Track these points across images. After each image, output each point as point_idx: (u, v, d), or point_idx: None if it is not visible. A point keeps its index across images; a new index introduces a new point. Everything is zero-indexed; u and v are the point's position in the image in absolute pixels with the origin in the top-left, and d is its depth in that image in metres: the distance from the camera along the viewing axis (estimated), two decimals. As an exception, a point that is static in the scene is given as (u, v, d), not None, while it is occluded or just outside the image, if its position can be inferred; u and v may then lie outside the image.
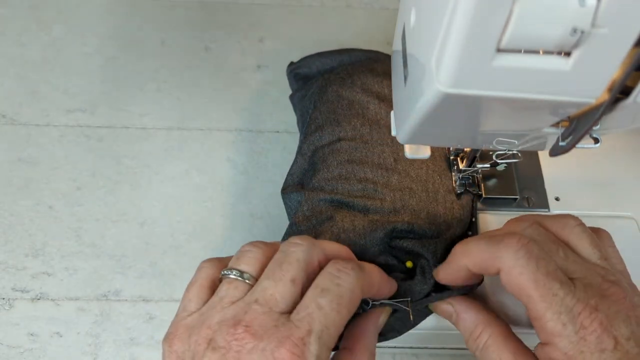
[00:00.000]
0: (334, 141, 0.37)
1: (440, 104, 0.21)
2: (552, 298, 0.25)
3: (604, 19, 0.17)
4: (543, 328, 0.25)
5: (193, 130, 0.48)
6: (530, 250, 0.26)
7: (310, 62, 0.44)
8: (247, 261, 0.27)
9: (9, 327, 0.39)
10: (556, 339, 0.25)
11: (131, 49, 0.52)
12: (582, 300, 0.25)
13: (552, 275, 0.25)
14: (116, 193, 0.44)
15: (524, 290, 0.25)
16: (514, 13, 0.17)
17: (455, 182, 0.36)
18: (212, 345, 0.24)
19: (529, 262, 0.25)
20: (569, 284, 0.25)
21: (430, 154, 0.33)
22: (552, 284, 0.25)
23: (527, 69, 0.19)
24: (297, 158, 0.39)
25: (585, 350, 0.24)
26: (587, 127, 0.22)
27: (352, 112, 0.38)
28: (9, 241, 0.42)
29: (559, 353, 0.25)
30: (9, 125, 0.47)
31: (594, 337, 0.24)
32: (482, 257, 0.27)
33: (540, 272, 0.25)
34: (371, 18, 0.55)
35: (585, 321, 0.24)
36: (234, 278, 0.26)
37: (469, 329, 0.29)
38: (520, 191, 0.37)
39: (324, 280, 0.25)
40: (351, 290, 0.25)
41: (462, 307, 0.30)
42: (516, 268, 0.25)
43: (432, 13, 0.20)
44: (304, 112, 0.41)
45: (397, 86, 0.29)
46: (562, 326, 0.24)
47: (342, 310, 0.25)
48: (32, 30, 0.52)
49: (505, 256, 0.26)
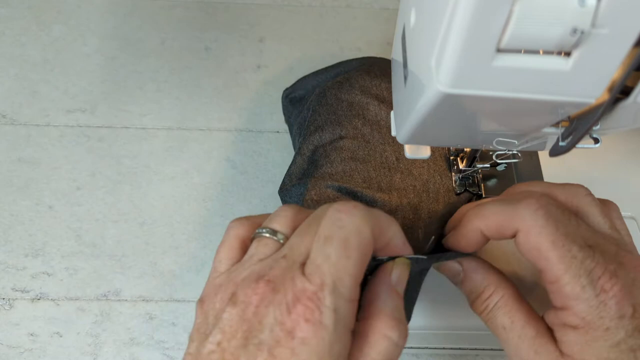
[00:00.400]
0: (336, 139, 0.37)
1: (440, 104, 0.21)
2: (571, 260, 0.24)
3: (604, 19, 0.17)
4: (560, 291, 0.24)
5: (193, 130, 0.48)
6: (550, 211, 0.25)
7: (306, 83, 0.44)
8: (279, 220, 0.26)
9: (9, 327, 0.39)
10: (573, 302, 0.24)
11: (131, 49, 0.52)
12: (602, 265, 0.24)
13: (572, 237, 0.24)
14: (116, 193, 0.44)
15: (542, 251, 0.24)
16: (514, 13, 0.17)
17: (455, 182, 0.36)
18: (233, 299, 0.23)
19: (548, 222, 0.24)
20: (588, 248, 0.24)
21: (430, 154, 0.33)
22: (571, 246, 0.24)
23: (527, 69, 0.19)
24: (295, 159, 0.38)
25: (604, 316, 0.23)
26: (587, 127, 0.22)
27: (353, 112, 0.38)
28: (9, 241, 0.42)
29: (575, 317, 0.24)
30: (9, 125, 0.47)
31: (614, 302, 0.23)
32: (498, 218, 0.26)
33: (559, 233, 0.24)
34: (371, 18, 0.55)
35: (606, 285, 0.23)
36: (266, 236, 0.25)
37: (477, 289, 0.28)
38: (520, 191, 0.37)
39: (326, 227, 0.23)
40: (357, 231, 0.23)
41: (471, 266, 0.29)
42: (535, 228, 0.24)
43: (432, 13, 0.20)
44: (302, 122, 0.41)
45: (397, 86, 0.29)
46: (580, 288, 0.23)
47: (351, 255, 0.22)
48: (32, 30, 0.52)
49: (524, 216, 0.25)
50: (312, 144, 0.38)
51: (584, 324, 0.24)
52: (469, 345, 0.38)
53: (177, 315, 0.40)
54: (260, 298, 0.22)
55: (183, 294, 0.40)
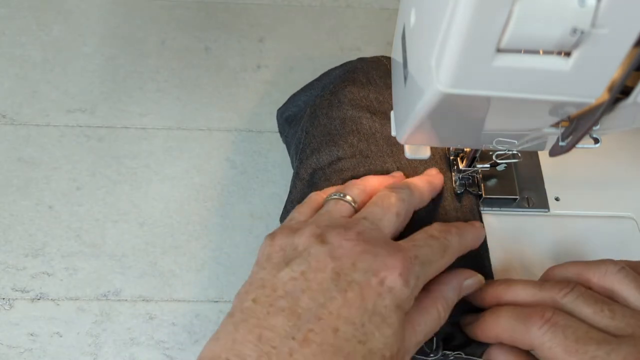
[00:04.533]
0: (334, 161, 0.36)
1: (440, 104, 0.21)
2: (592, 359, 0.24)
3: (604, 19, 0.17)
4: None
5: (193, 130, 0.48)
6: (555, 323, 0.26)
7: (296, 99, 0.43)
8: (353, 190, 0.31)
9: (9, 327, 0.39)
10: None
11: (131, 49, 0.52)
12: (632, 354, 0.24)
13: (584, 340, 0.25)
14: (116, 193, 0.44)
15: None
16: (514, 13, 0.17)
17: (455, 182, 0.36)
18: (320, 239, 0.26)
19: (555, 335, 0.25)
20: (611, 341, 0.25)
21: (430, 154, 0.33)
22: (587, 347, 0.25)
23: (527, 69, 0.19)
24: (295, 184, 0.38)
25: None
26: (587, 127, 0.22)
27: (347, 129, 0.37)
28: (9, 241, 0.42)
29: None
30: (9, 125, 0.47)
31: None
32: (512, 335, 0.27)
33: (569, 340, 0.25)
34: (371, 18, 0.55)
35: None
36: (341, 199, 0.30)
37: None
38: (520, 191, 0.37)
39: (434, 230, 0.29)
40: (454, 248, 0.28)
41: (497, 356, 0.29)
42: (545, 344, 0.26)
43: (432, 13, 0.20)
44: (297, 144, 0.40)
45: (397, 86, 0.29)
46: None
47: (444, 257, 0.28)
48: (32, 30, 0.52)
49: (533, 335, 0.26)
50: (310, 167, 0.37)
51: None
52: (469, 345, 0.38)
53: (177, 315, 0.40)
54: (353, 245, 0.26)
55: (183, 294, 0.40)
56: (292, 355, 0.23)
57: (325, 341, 0.24)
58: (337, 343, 0.24)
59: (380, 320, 0.25)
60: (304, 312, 0.24)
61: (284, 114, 0.44)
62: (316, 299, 0.25)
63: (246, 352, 0.24)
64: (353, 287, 0.25)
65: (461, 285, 0.29)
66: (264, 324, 0.24)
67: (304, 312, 0.24)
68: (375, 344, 0.24)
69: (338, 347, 0.24)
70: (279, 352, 0.23)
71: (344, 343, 0.24)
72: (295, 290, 0.25)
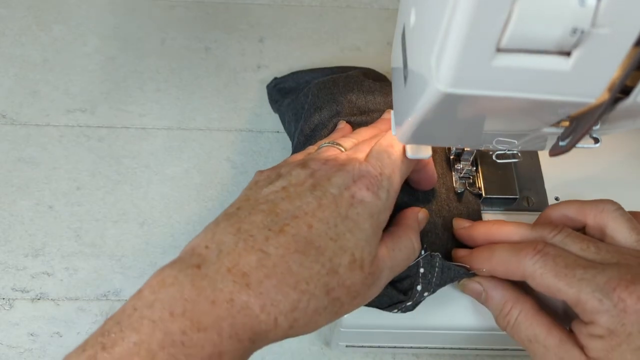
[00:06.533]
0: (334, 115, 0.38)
1: (440, 104, 0.21)
2: (580, 282, 0.26)
3: (604, 19, 0.17)
4: (584, 310, 0.26)
5: (193, 130, 0.48)
6: (546, 254, 0.28)
7: (299, 76, 0.45)
8: (342, 140, 0.32)
9: (9, 327, 0.39)
10: (597, 316, 0.25)
11: (131, 49, 0.52)
12: (615, 277, 0.26)
13: (573, 264, 0.27)
14: (116, 193, 0.44)
15: (551, 287, 0.27)
16: (513, 13, 0.17)
17: (455, 182, 0.36)
18: (302, 164, 0.29)
19: (545, 263, 0.27)
20: (597, 266, 0.26)
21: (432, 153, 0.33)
22: (575, 271, 0.26)
23: (527, 69, 0.19)
24: (298, 139, 0.39)
25: (626, 323, 0.25)
26: (587, 127, 0.22)
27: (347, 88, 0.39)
28: (9, 241, 0.42)
29: (600, 329, 0.26)
30: (9, 125, 0.47)
31: (634, 309, 0.25)
32: (506, 268, 0.29)
33: (559, 266, 0.27)
34: (371, 18, 0.55)
35: (623, 294, 0.25)
36: (331, 145, 0.31)
37: (498, 307, 0.30)
38: (520, 191, 0.37)
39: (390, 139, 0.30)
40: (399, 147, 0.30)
41: (491, 285, 0.31)
42: (537, 272, 0.27)
43: (432, 13, 0.20)
44: (298, 108, 0.41)
45: (397, 86, 0.29)
46: (599, 302, 0.25)
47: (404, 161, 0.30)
48: (32, 30, 0.52)
49: (525, 265, 0.28)
50: (313, 123, 0.38)
51: (608, 332, 0.25)
52: (469, 345, 0.38)
53: (177, 315, 0.40)
54: (329, 167, 0.28)
55: (183, 294, 0.40)
56: (267, 240, 0.25)
57: (299, 233, 0.25)
58: (310, 236, 0.26)
59: (353, 224, 0.27)
60: (282, 212, 0.26)
61: (279, 84, 0.46)
62: (293, 202, 0.27)
63: (224, 239, 0.25)
64: (327, 196, 0.27)
65: (417, 219, 0.32)
66: (244, 221, 0.26)
67: (282, 212, 0.26)
68: (346, 242, 0.26)
69: (310, 240, 0.25)
70: (255, 239, 0.25)
71: (317, 237, 0.26)
72: (276, 198, 0.27)
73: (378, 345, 0.38)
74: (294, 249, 0.25)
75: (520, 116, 0.23)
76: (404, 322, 0.34)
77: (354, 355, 0.40)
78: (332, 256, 0.26)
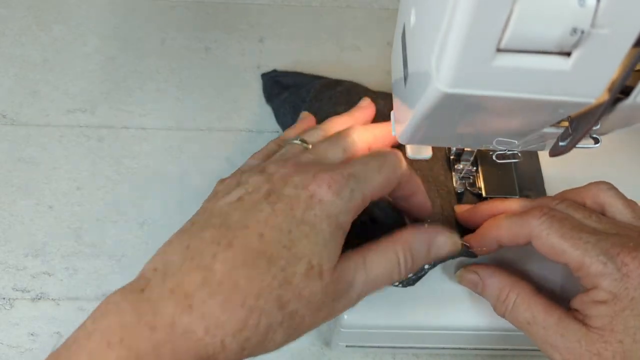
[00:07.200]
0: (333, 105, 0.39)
1: (440, 104, 0.21)
2: (585, 245, 0.26)
3: (604, 19, 0.17)
4: (587, 274, 0.26)
5: (193, 130, 0.48)
6: (552, 215, 0.28)
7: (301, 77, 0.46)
8: (308, 134, 0.31)
9: (9, 327, 0.39)
10: (599, 280, 0.25)
11: (131, 49, 0.52)
12: (618, 244, 0.26)
13: (578, 228, 0.27)
14: (116, 193, 0.44)
15: (556, 247, 0.27)
16: (514, 13, 0.17)
17: (455, 182, 0.36)
18: (260, 170, 0.27)
19: (552, 223, 0.27)
20: (599, 233, 0.27)
21: (432, 153, 0.33)
22: (581, 234, 0.26)
23: (527, 69, 0.19)
24: None
25: (629, 287, 0.25)
26: (587, 127, 0.22)
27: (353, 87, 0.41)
28: (9, 241, 0.42)
29: (603, 293, 0.25)
30: (9, 125, 0.47)
31: (637, 274, 0.25)
32: (512, 230, 0.29)
33: (565, 228, 0.27)
34: (371, 18, 0.55)
35: (626, 259, 0.25)
36: (296, 143, 0.30)
37: (495, 293, 0.30)
38: (520, 191, 0.37)
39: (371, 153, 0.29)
40: (392, 162, 0.28)
41: (487, 273, 0.31)
42: (543, 231, 0.27)
43: (432, 13, 0.20)
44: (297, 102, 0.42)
45: (397, 86, 0.29)
46: (602, 265, 0.25)
47: (382, 171, 0.27)
48: (32, 30, 0.52)
49: (532, 225, 0.28)
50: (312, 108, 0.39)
51: (612, 297, 0.25)
52: (469, 345, 0.38)
53: (177, 315, 0.40)
54: (288, 171, 0.26)
55: (183, 294, 0.40)
56: (214, 257, 0.23)
57: (248, 245, 0.24)
58: (261, 247, 0.24)
59: (309, 228, 0.24)
60: (233, 224, 0.25)
61: (277, 77, 0.47)
62: (247, 212, 0.25)
63: (172, 259, 0.24)
64: (282, 200, 0.25)
65: (431, 241, 0.29)
66: (194, 236, 0.25)
67: (233, 224, 0.25)
68: (301, 249, 0.24)
69: (261, 250, 0.24)
70: (202, 256, 0.24)
71: (268, 247, 0.24)
72: (230, 209, 0.26)
73: (378, 345, 0.38)
74: (242, 262, 0.23)
75: (520, 116, 0.23)
76: (404, 322, 0.34)
77: (354, 355, 0.40)
78: (286, 265, 0.24)
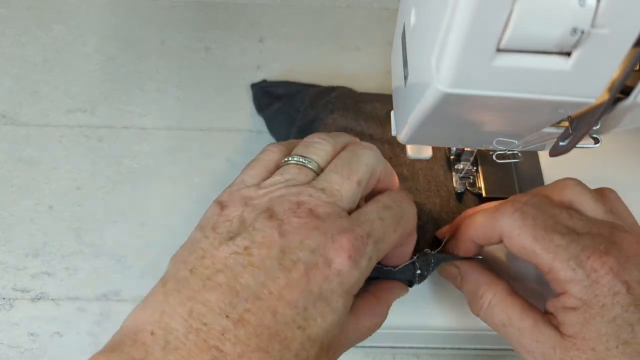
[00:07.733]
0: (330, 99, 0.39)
1: (441, 104, 0.21)
2: (556, 248, 0.25)
3: (604, 19, 0.17)
4: (556, 278, 0.25)
5: (193, 130, 0.48)
6: (525, 212, 0.27)
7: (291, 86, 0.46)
8: (315, 151, 0.27)
9: (9, 327, 0.39)
10: (569, 286, 0.25)
11: (131, 49, 0.52)
12: (590, 247, 0.25)
13: (551, 229, 0.26)
14: (116, 193, 0.44)
15: (527, 248, 0.26)
16: (514, 13, 0.17)
17: (455, 182, 0.36)
18: (268, 213, 0.24)
19: (524, 222, 0.26)
20: (572, 234, 0.26)
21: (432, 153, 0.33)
22: (552, 236, 0.26)
23: (527, 69, 0.19)
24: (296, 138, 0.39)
25: (599, 293, 0.24)
26: (587, 127, 0.22)
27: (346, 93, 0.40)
28: (9, 241, 0.42)
29: (573, 299, 0.25)
30: (9, 125, 0.47)
31: (606, 280, 0.24)
32: (483, 229, 0.28)
33: (538, 228, 0.26)
34: (371, 18, 0.55)
35: (596, 264, 0.24)
36: (304, 165, 0.26)
37: (472, 290, 0.30)
38: (520, 191, 0.37)
39: (387, 199, 0.26)
40: (408, 217, 0.27)
41: (466, 268, 0.31)
42: (514, 230, 0.26)
43: (432, 13, 0.20)
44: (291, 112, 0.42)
45: (397, 86, 0.29)
46: (572, 272, 0.25)
47: (397, 230, 0.26)
48: (32, 30, 0.52)
49: (503, 222, 0.27)
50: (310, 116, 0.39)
51: (582, 303, 0.25)
52: (469, 345, 0.38)
53: (177, 315, 0.40)
54: (303, 222, 0.24)
55: (183, 294, 0.41)
56: (224, 334, 0.21)
57: (261, 323, 0.22)
58: (275, 327, 0.22)
59: (325, 305, 0.23)
60: (243, 289, 0.22)
61: (267, 87, 0.46)
62: (257, 276, 0.22)
63: (174, 325, 0.22)
64: (298, 267, 0.23)
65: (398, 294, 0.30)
66: (197, 297, 0.22)
67: (243, 289, 0.22)
68: (315, 330, 0.22)
69: (275, 331, 0.22)
70: (210, 330, 0.21)
71: (282, 327, 0.22)
72: (236, 264, 0.23)
73: (378, 345, 0.38)
74: (255, 345, 0.21)
75: (520, 116, 0.23)
76: (404, 322, 0.34)
77: (354, 356, 0.40)
78: (299, 350, 0.22)
